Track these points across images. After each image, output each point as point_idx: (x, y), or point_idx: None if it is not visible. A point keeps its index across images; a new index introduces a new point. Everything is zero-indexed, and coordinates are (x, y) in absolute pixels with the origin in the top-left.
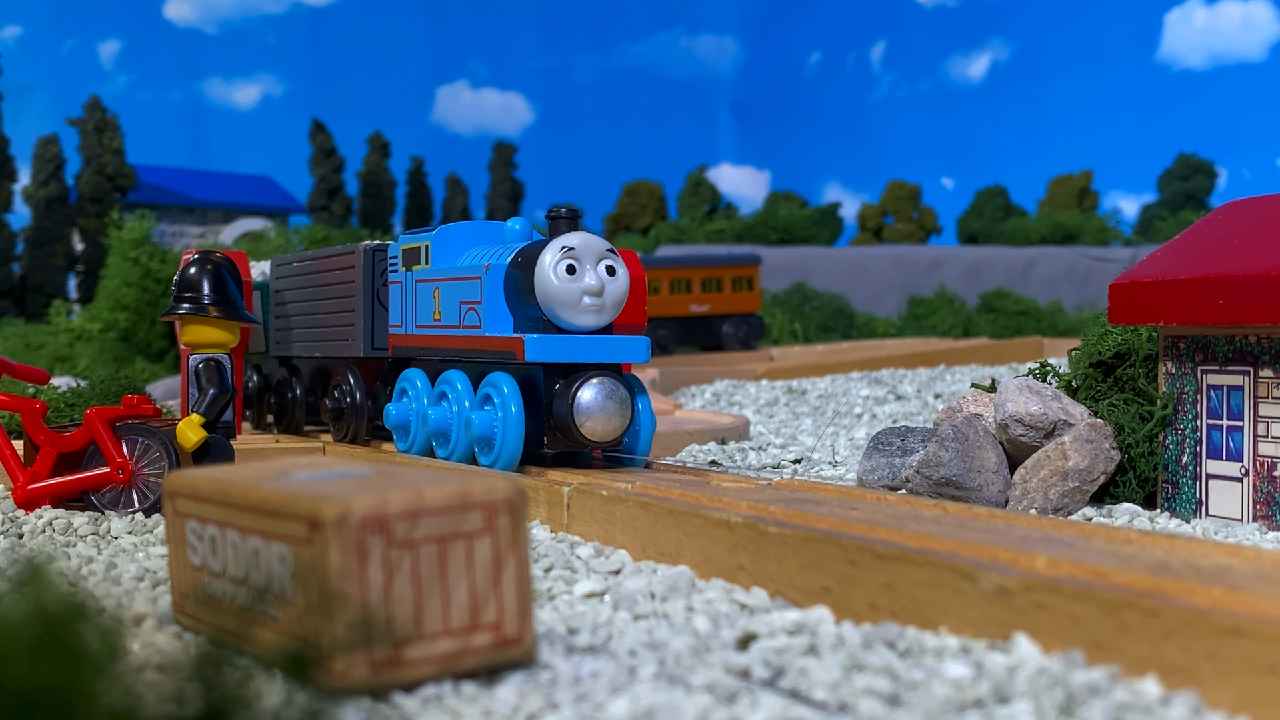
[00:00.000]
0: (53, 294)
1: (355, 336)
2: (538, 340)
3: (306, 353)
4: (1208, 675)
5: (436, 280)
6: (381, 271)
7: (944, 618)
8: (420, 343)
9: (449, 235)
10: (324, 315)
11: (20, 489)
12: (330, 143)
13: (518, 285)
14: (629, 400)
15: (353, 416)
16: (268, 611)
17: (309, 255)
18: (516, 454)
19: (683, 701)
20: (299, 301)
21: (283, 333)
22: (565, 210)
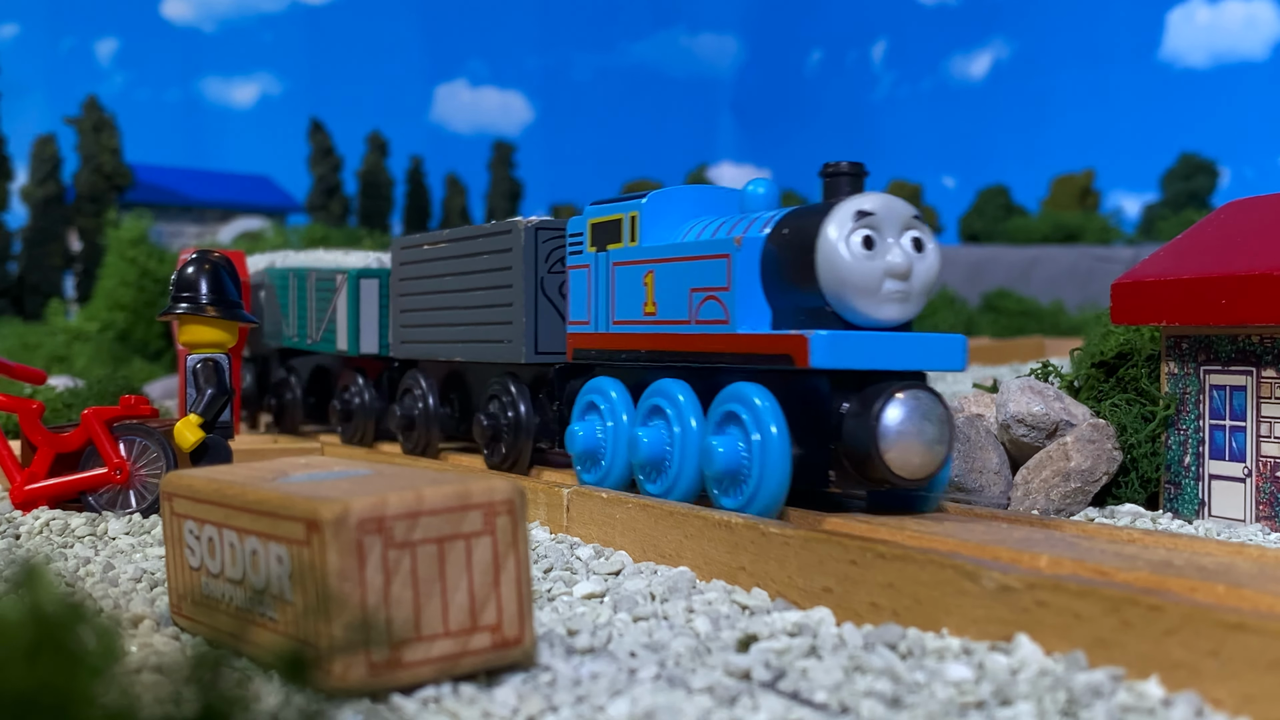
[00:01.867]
0: (50, 293)
1: (514, 337)
2: (829, 340)
3: (441, 356)
4: (1211, 671)
5: (651, 261)
6: (548, 254)
7: (946, 617)
8: (621, 344)
9: (665, 203)
10: (466, 311)
11: (17, 490)
12: (328, 142)
13: (782, 265)
14: (949, 422)
15: (514, 437)
16: (266, 613)
17: (446, 236)
18: (779, 494)
19: (683, 703)
20: (431, 294)
21: (409, 330)
22: (847, 166)
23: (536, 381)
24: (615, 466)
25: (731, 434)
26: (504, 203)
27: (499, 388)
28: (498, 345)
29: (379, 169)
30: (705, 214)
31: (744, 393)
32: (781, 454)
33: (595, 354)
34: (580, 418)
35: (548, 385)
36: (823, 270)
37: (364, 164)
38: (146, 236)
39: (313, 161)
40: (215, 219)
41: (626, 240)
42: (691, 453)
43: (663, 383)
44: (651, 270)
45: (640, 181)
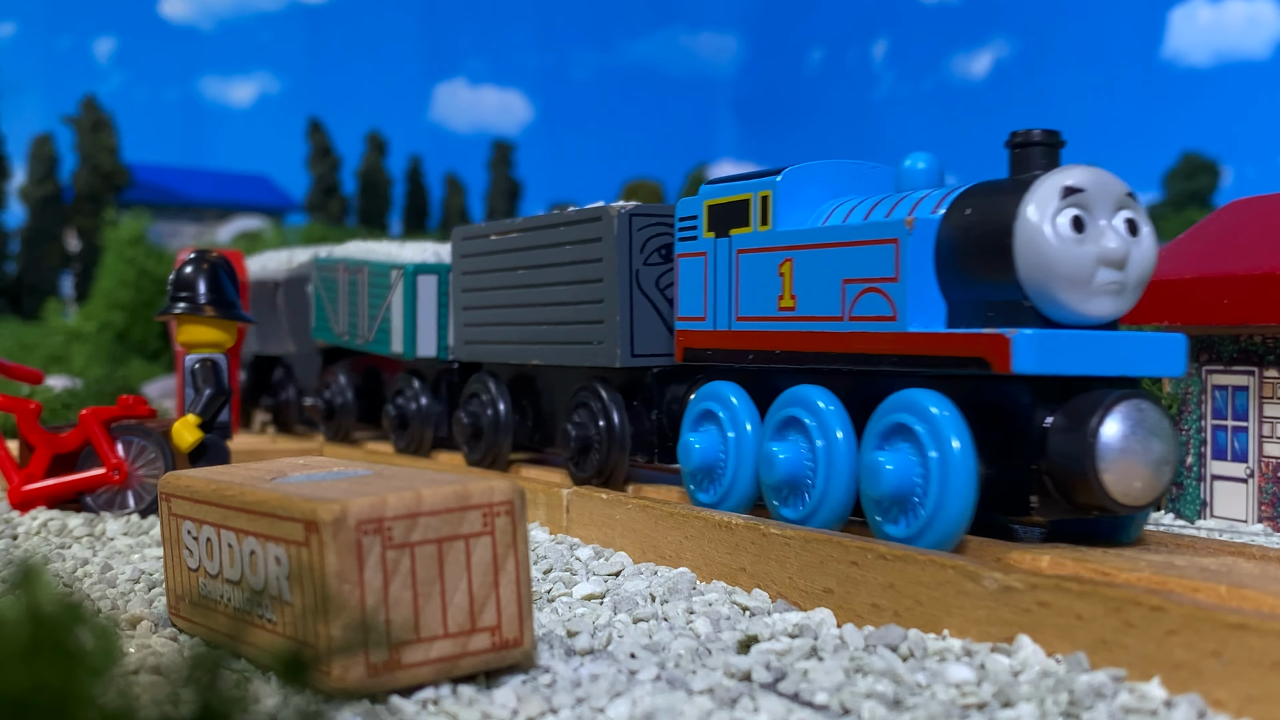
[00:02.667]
0: (48, 293)
1: (606, 338)
2: (1037, 340)
3: (513, 358)
4: (1213, 672)
5: (790, 248)
6: (644, 244)
7: (947, 618)
8: (747, 343)
9: (802, 181)
10: (545, 308)
11: (15, 490)
12: (327, 141)
13: (963, 252)
14: (1175, 439)
15: (606, 450)
16: (264, 614)
17: (519, 225)
18: (961, 521)
19: (683, 705)
20: (501, 289)
21: (475, 330)
22: (1040, 134)
23: (629, 387)
24: (738, 485)
25: (899, 450)
26: (504, 202)
27: (587, 394)
28: (585, 347)
29: (378, 168)
30: (848, 193)
31: (917, 401)
32: (966, 474)
33: (712, 355)
34: (694, 428)
35: (644, 391)
36: (1022, 257)
37: (363, 163)
38: (144, 236)
39: (311, 161)
40: (213, 218)
41: (755, 224)
42: (841, 472)
43: (802, 390)
44: (790, 258)
45: (640, 181)
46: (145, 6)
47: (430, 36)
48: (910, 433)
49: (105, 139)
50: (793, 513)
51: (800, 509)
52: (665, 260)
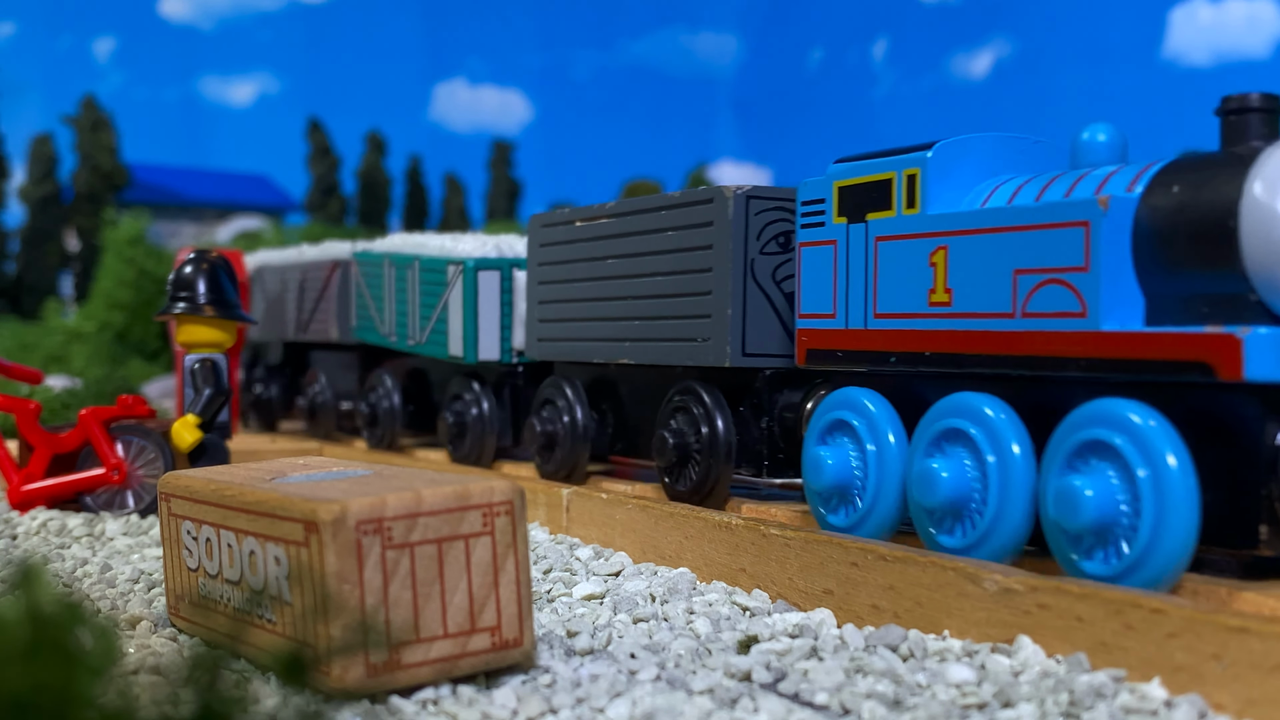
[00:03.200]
0: (47, 293)
1: (714, 334)
2: (1275, 340)
3: (599, 357)
4: (1213, 675)
5: (945, 234)
6: (761, 230)
7: (948, 619)
8: (889, 343)
9: (957, 157)
10: (640, 302)
11: (14, 490)
12: (327, 141)
13: (1167, 237)
14: None
15: (708, 461)
16: (264, 614)
17: (612, 209)
18: (1181, 555)
19: (683, 705)
20: (587, 281)
21: (554, 326)
22: (1258, 99)
23: (736, 390)
24: (881, 506)
25: (1097, 471)
26: (503, 202)
27: (687, 397)
28: (687, 344)
29: (377, 168)
30: (1010, 170)
31: (1117, 413)
32: (1186, 497)
33: (843, 357)
34: (821, 440)
35: (754, 395)
36: (1249, 243)
37: (362, 163)
38: (144, 236)
39: (311, 161)
40: (213, 218)
41: (899, 206)
42: (1018, 494)
43: (963, 398)
44: (944, 246)
45: (640, 181)
46: (145, 6)
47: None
48: (1110, 451)
49: (105, 139)
50: (954, 541)
51: (962, 536)
52: (784, 249)
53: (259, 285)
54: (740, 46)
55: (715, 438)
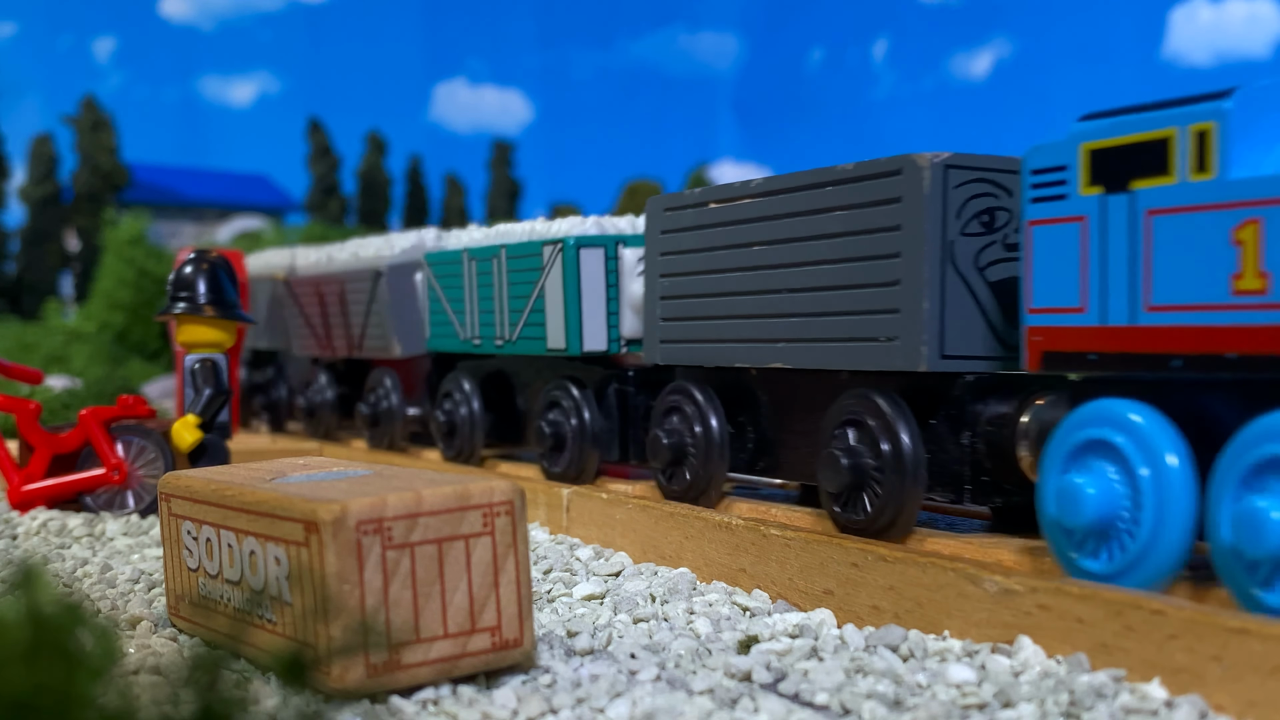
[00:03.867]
0: (47, 293)
1: (905, 332)
2: None
3: (743, 360)
4: (1214, 676)
5: (1260, 204)
6: (961, 206)
7: (948, 620)
8: (1170, 344)
9: (1262, 108)
10: (801, 295)
11: (14, 490)
12: (327, 141)
13: None
14: None
15: (893, 486)
16: (264, 614)
17: (758, 187)
18: None
19: (683, 705)
20: (726, 271)
21: (682, 325)
22: None
23: (925, 399)
24: (1160, 549)
25: None
26: (503, 202)
27: (860, 407)
28: (867, 345)
29: (377, 168)
30: None
31: None
32: None
33: (1098, 360)
34: (1068, 465)
35: (950, 406)
36: None
37: (362, 163)
38: (144, 236)
39: (311, 161)
40: (213, 218)
41: (1184, 171)
42: None
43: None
44: (1257, 220)
45: (640, 181)
46: (145, 6)
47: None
48: None
49: (105, 139)
50: (1276, 598)
51: None
52: (988, 229)
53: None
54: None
55: (900, 457)
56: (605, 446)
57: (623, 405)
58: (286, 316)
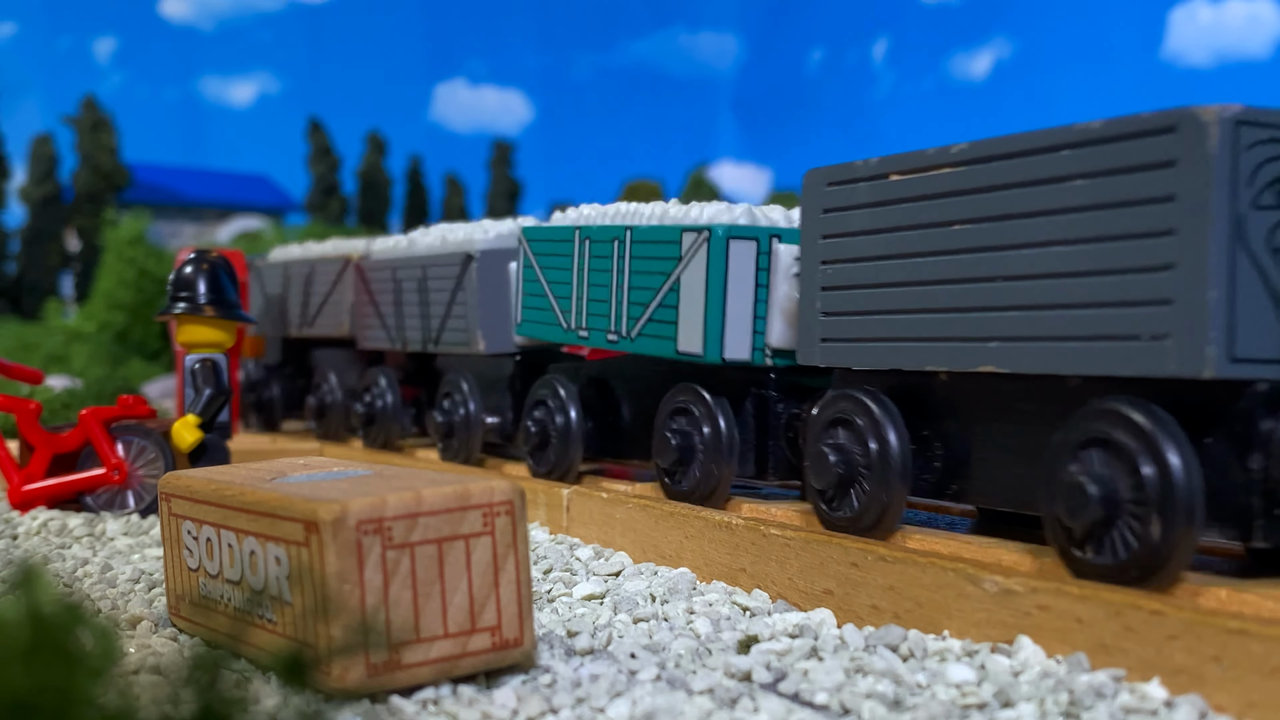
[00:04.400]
0: (48, 293)
1: (1177, 329)
2: None
3: (938, 361)
4: (1214, 677)
5: None
6: (1253, 173)
7: (947, 620)
8: None
9: None
10: (1024, 284)
11: (15, 490)
12: (327, 141)
13: None
14: None
15: (1155, 522)
16: (264, 614)
17: (960, 154)
18: None
19: (683, 705)
20: (915, 256)
21: (845, 321)
22: None
23: (1190, 413)
24: None
25: None
26: (503, 202)
27: (1109, 425)
28: (1122, 346)
29: (378, 168)
30: None
31: None
32: None
33: None
34: None
35: (1232, 422)
36: None
37: (363, 163)
38: (144, 236)
39: (311, 161)
40: (213, 218)
41: None
42: None
43: None
44: None
45: (640, 181)
46: (145, 6)
47: (430, 36)
48: None
49: (105, 139)
50: None
51: None
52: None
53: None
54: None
55: (1169, 486)
56: (741, 461)
57: (761, 415)
58: (355, 305)
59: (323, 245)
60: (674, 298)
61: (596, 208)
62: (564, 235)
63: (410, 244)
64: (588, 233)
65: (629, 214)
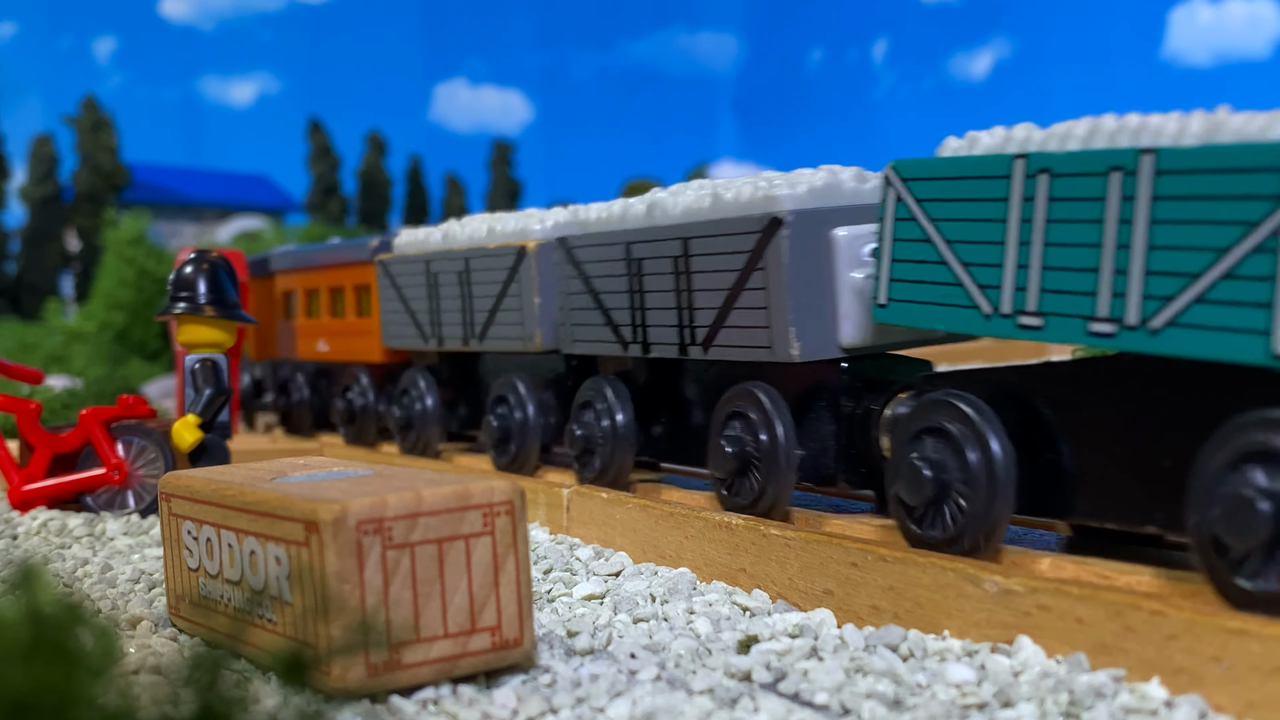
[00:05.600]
0: (48, 293)
1: None
2: None
3: None
4: (1214, 677)
5: None
6: None
7: (947, 620)
8: None
9: None
10: None
11: (15, 490)
12: (327, 141)
13: None
14: None
15: None
16: (264, 614)
17: None
18: None
19: (683, 705)
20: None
21: None
22: None
23: None
24: None
25: None
26: (503, 202)
27: None
28: None
29: (378, 168)
30: None
31: None
32: None
33: None
34: None
35: None
36: None
37: (363, 163)
38: (144, 236)
39: (311, 161)
40: (213, 218)
41: None
42: None
43: None
44: None
45: (640, 181)
46: (145, 6)
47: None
48: None
49: (105, 139)
50: None
51: None
52: None
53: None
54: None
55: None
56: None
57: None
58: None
59: (477, 225)
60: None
61: (1023, 129)
62: (992, 167)
63: (651, 209)
64: (1047, 162)
65: (1141, 130)
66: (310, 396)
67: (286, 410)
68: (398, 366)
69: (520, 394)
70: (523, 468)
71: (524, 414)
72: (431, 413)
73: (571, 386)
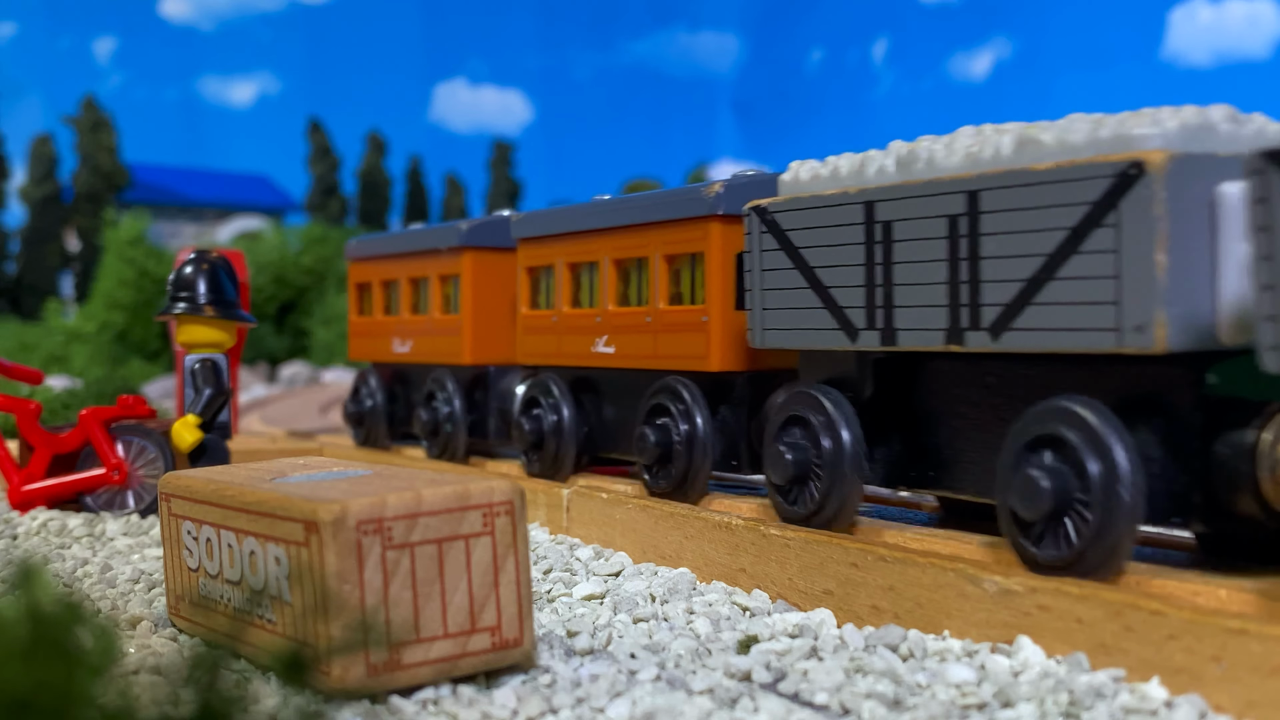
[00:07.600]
0: (47, 293)
1: None
2: None
3: None
4: (1213, 677)
5: None
6: None
7: (947, 620)
8: None
9: None
10: None
11: (15, 490)
12: (327, 141)
13: None
14: None
15: None
16: (264, 614)
17: None
18: None
19: (683, 705)
20: None
21: None
22: None
23: None
24: None
25: None
26: (503, 202)
27: None
28: None
29: (377, 168)
30: None
31: None
32: None
33: None
34: None
35: None
36: None
37: (363, 163)
38: (144, 236)
39: (311, 161)
40: (213, 218)
41: None
42: None
43: None
44: None
45: (640, 181)
46: (145, 6)
47: (430, 36)
48: None
49: (105, 139)
50: None
51: None
52: None
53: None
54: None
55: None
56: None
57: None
58: None
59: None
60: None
61: None
62: None
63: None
64: None
65: None
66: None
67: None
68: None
69: None
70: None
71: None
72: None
73: None
